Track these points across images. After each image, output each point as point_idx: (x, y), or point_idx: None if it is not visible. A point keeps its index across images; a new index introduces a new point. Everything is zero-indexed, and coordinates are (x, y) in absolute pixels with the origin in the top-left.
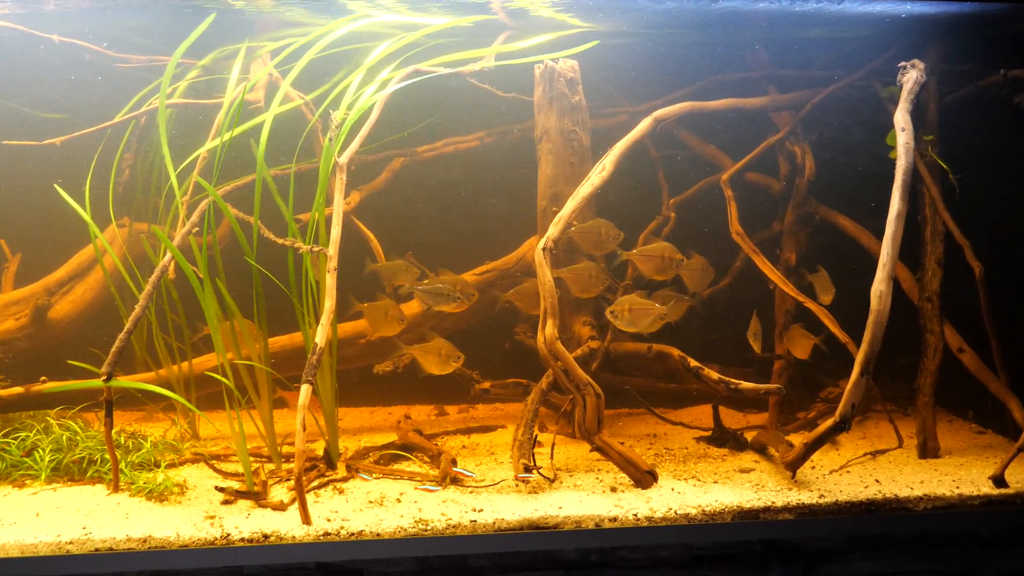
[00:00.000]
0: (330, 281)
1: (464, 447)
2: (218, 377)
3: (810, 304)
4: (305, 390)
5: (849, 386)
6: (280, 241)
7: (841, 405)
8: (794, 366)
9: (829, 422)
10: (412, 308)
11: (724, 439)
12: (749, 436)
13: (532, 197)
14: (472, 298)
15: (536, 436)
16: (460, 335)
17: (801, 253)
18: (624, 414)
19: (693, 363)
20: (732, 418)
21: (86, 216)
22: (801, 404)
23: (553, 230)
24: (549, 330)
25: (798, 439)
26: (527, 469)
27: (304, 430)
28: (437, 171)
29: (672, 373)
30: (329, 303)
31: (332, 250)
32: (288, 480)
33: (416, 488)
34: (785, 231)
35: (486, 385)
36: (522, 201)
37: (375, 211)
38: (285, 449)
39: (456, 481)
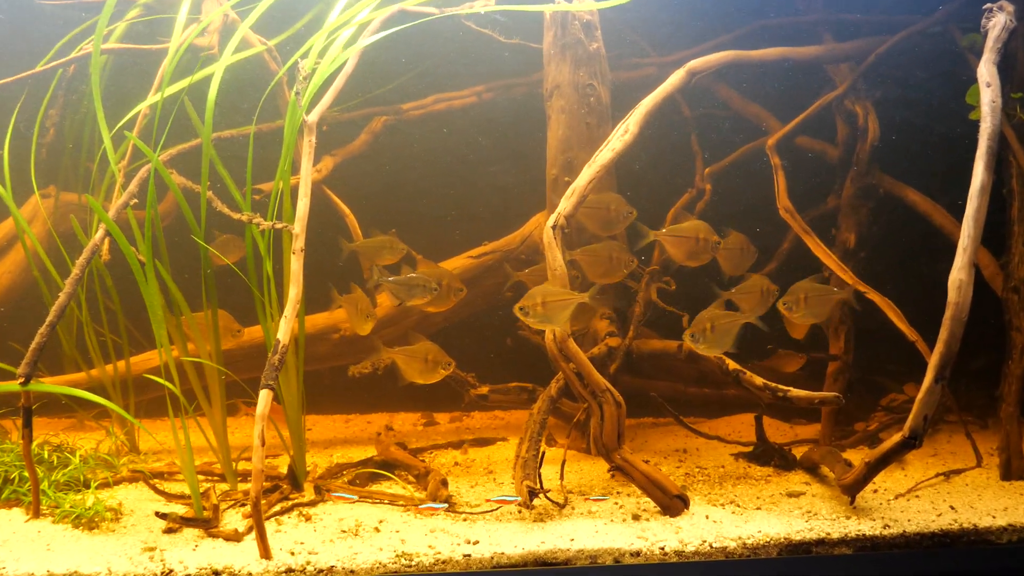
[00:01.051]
0: (295, 265)
1: (457, 464)
2: (159, 380)
3: (873, 294)
4: (264, 397)
5: (921, 395)
6: (236, 216)
7: (911, 418)
8: (851, 368)
9: (896, 438)
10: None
11: (768, 456)
12: (798, 452)
13: (540, 165)
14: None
15: (543, 452)
16: (453, 329)
17: (861, 233)
18: (649, 425)
19: (732, 365)
20: (777, 430)
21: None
22: (860, 413)
23: (565, 204)
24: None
25: (857, 457)
26: (532, 492)
27: (263, 444)
28: (426, 133)
29: (706, 376)
30: (294, 291)
31: (298, 227)
32: (244, 504)
33: (416, 511)
34: (842, 207)
35: (483, 390)
36: (528, 170)
37: (352, 181)
38: (242, 466)
39: (448, 506)
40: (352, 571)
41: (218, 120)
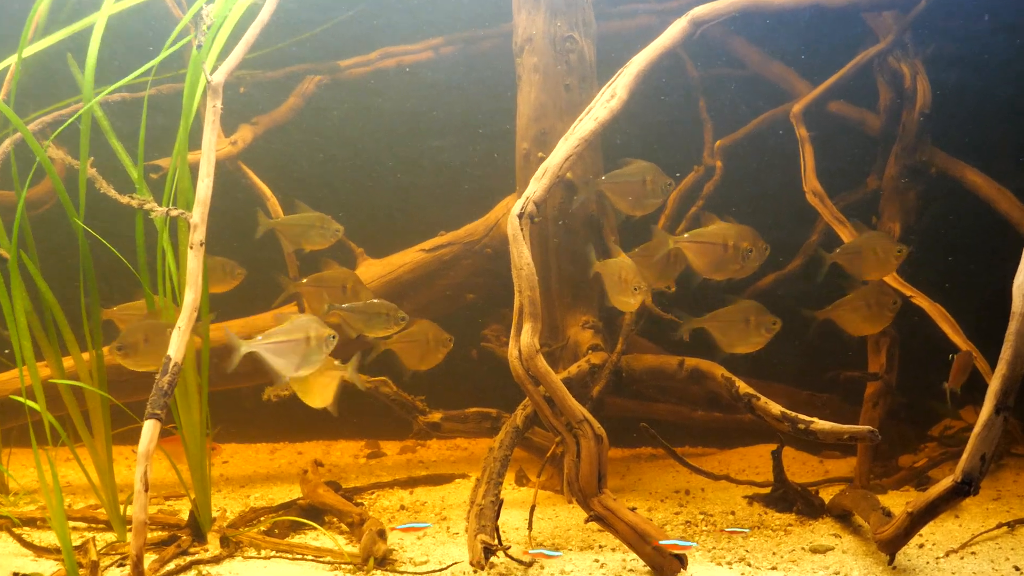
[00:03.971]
0: (194, 262)
1: (403, 508)
2: (27, 402)
3: (921, 299)
4: (149, 429)
5: (977, 429)
6: (124, 200)
7: (964, 458)
8: (895, 390)
9: (946, 483)
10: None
11: (789, 500)
12: (827, 495)
13: (509, 136)
14: (401, 323)
15: (501, 501)
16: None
17: (908, 224)
18: (646, 457)
19: (743, 388)
20: (804, 466)
21: None
22: (906, 445)
23: (535, 187)
24: (526, 338)
25: (900, 501)
26: (488, 550)
27: (146, 489)
28: (370, 97)
29: (716, 398)
30: (191, 296)
31: (197, 215)
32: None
33: (346, 572)
34: (885, 190)
35: (435, 418)
36: (495, 142)
37: (277, 155)
38: (132, 510)
39: (384, 564)
40: None
41: (112, 81)
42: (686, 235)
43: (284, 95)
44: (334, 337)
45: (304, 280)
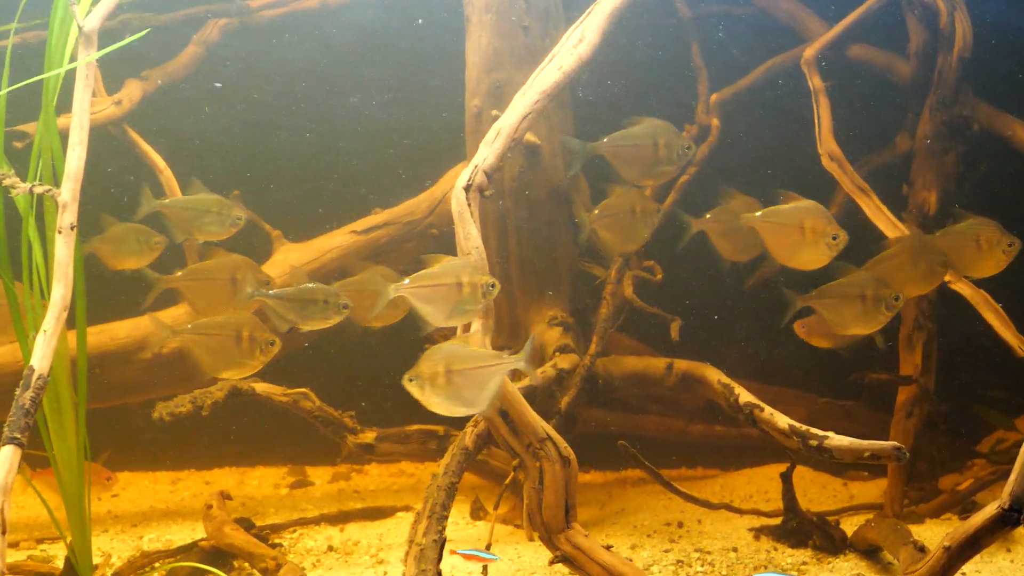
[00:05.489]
0: (63, 251)
1: (331, 549)
2: None
3: (962, 285)
4: (7, 457)
5: None
6: None
7: (1013, 478)
8: (934, 396)
9: (990, 510)
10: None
11: (804, 532)
12: (851, 526)
13: (456, 92)
14: (344, 311)
15: (444, 539)
16: (328, 344)
17: (946, 192)
18: (632, 481)
19: (745, 396)
20: (824, 490)
21: None
22: (948, 462)
23: (486, 153)
24: (476, 339)
25: (939, 533)
26: None
27: (4, 533)
28: (285, 47)
29: (717, 408)
30: (59, 291)
31: (67, 192)
32: None
33: None
34: (917, 152)
35: (368, 437)
36: (439, 100)
37: (171, 119)
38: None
39: None
40: None
41: None
42: (708, 216)
43: (182, 44)
44: (493, 286)
45: (179, 273)
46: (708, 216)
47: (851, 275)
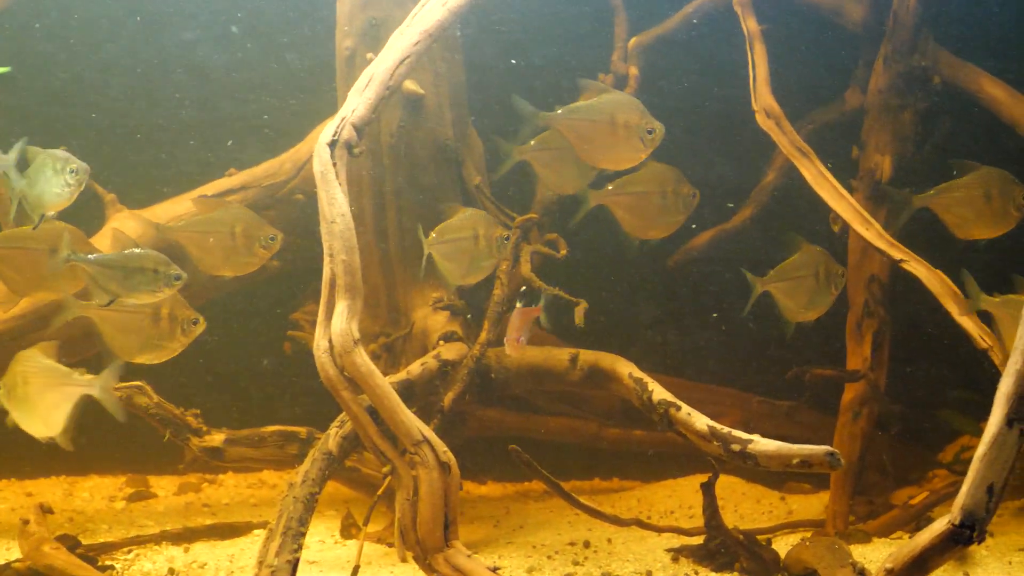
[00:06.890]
0: None
1: (172, 572)
2: None
3: (917, 266)
4: None
5: (982, 449)
6: None
7: (964, 492)
8: (885, 395)
9: (940, 527)
10: None
11: (730, 553)
12: (785, 545)
13: (324, 31)
14: (176, 283)
15: (296, 560)
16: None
17: (902, 156)
18: (536, 495)
19: (659, 393)
20: (758, 505)
21: None
22: (903, 472)
23: (356, 103)
24: (341, 324)
25: (883, 553)
26: None
27: None
28: None
29: (634, 409)
30: None
31: None
32: None
33: None
34: (870, 109)
35: (216, 440)
36: (306, 43)
37: None
38: None
39: None
40: None
41: None
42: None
43: None
44: (507, 239)
45: None
46: (532, 143)
47: (803, 250)
